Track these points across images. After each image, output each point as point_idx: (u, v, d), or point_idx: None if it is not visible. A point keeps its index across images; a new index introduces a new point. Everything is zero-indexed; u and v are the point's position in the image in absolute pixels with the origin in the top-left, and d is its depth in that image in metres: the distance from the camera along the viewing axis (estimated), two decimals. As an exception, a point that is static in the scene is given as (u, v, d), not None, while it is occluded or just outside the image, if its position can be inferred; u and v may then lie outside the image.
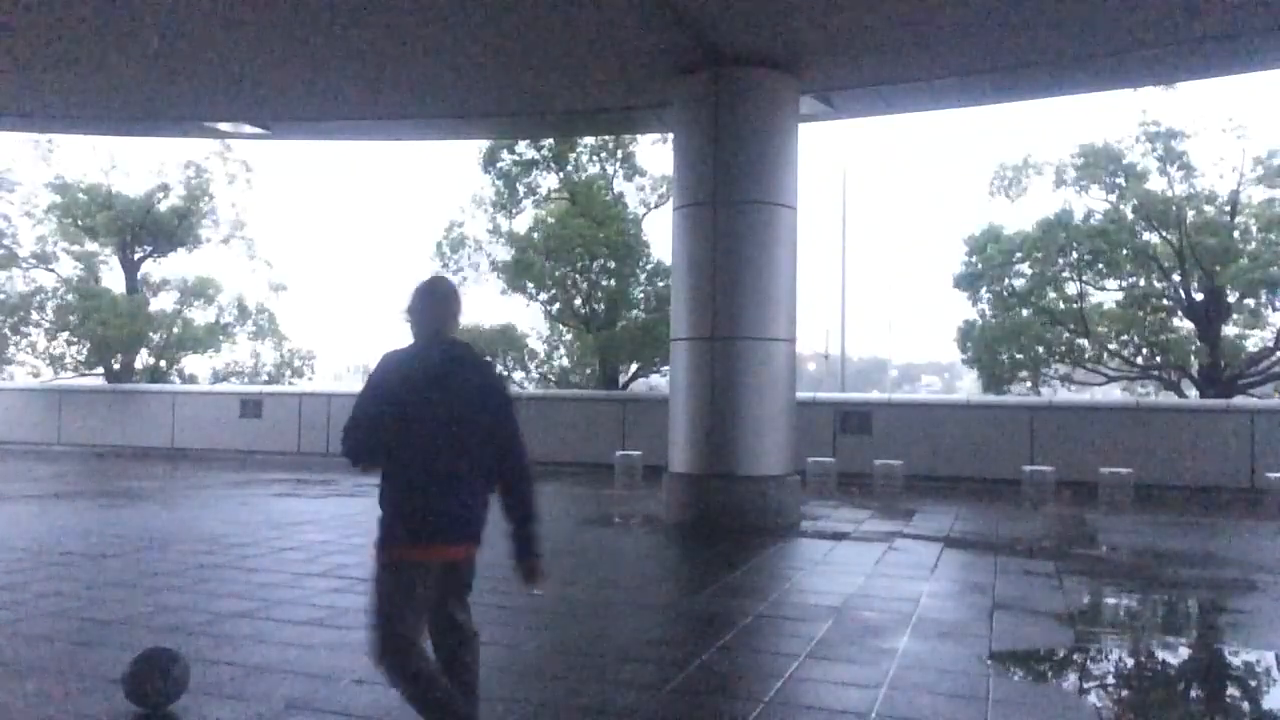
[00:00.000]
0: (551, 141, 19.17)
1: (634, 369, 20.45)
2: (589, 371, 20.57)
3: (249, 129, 13.65)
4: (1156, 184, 17.74)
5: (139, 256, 23.20)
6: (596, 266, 19.28)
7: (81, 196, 22.14)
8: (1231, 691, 5.03)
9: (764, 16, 9.05)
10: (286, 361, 24.96)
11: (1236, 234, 17.30)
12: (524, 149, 19.48)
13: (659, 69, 10.31)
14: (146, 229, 22.65)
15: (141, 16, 9.32)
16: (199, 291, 23.47)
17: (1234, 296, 17.45)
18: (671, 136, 11.54)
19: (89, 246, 22.97)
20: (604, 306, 19.76)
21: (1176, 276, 17.82)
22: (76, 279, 22.67)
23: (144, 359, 23.34)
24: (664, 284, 18.36)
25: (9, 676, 4.41)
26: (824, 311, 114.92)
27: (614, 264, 19.17)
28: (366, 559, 5.26)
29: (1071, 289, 18.41)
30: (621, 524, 10.19)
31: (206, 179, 22.74)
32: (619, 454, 13.98)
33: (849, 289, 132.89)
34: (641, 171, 20.35)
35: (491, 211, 20.36)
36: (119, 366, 22.68)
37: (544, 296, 19.93)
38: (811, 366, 50.01)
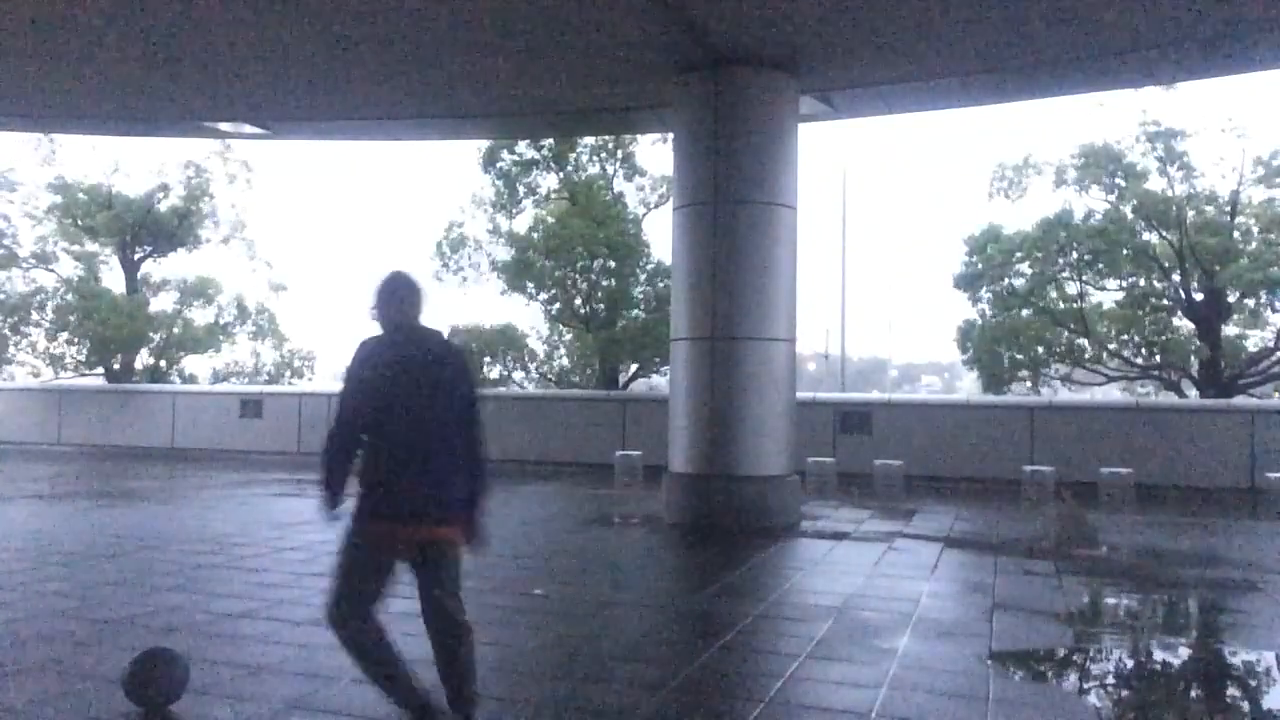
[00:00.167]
0: (551, 141, 19.16)
1: (634, 369, 20.45)
2: (589, 371, 20.57)
3: (249, 129, 13.66)
4: (1156, 184, 17.72)
5: (139, 256, 23.20)
6: (596, 266, 19.27)
7: (82, 197, 22.13)
8: (1231, 691, 5.03)
9: (764, 17, 9.05)
10: (286, 361, 24.96)
11: (1236, 234, 17.29)
12: (524, 149, 19.48)
13: (659, 69, 10.31)
14: (146, 229, 22.65)
15: (141, 16, 9.33)
16: (199, 291, 23.46)
17: (1234, 296, 17.43)
18: (671, 136, 11.54)
19: (89, 246, 22.95)
20: (604, 306, 19.74)
21: (1176, 276, 17.80)
22: (76, 279, 22.65)
23: (144, 359, 23.33)
24: (664, 284, 18.36)
25: (9, 676, 4.41)
26: (824, 311, 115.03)
27: (614, 264, 19.15)
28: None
29: (1071, 289, 18.39)
30: (621, 524, 10.19)
31: (206, 179, 22.74)
32: (619, 454, 13.97)
33: (849, 289, 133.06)
34: (641, 171, 20.35)
35: (491, 211, 20.35)
36: (119, 366, 22.68)
37: (544, 296, 19.93)
38: (811, 366, 50.02)
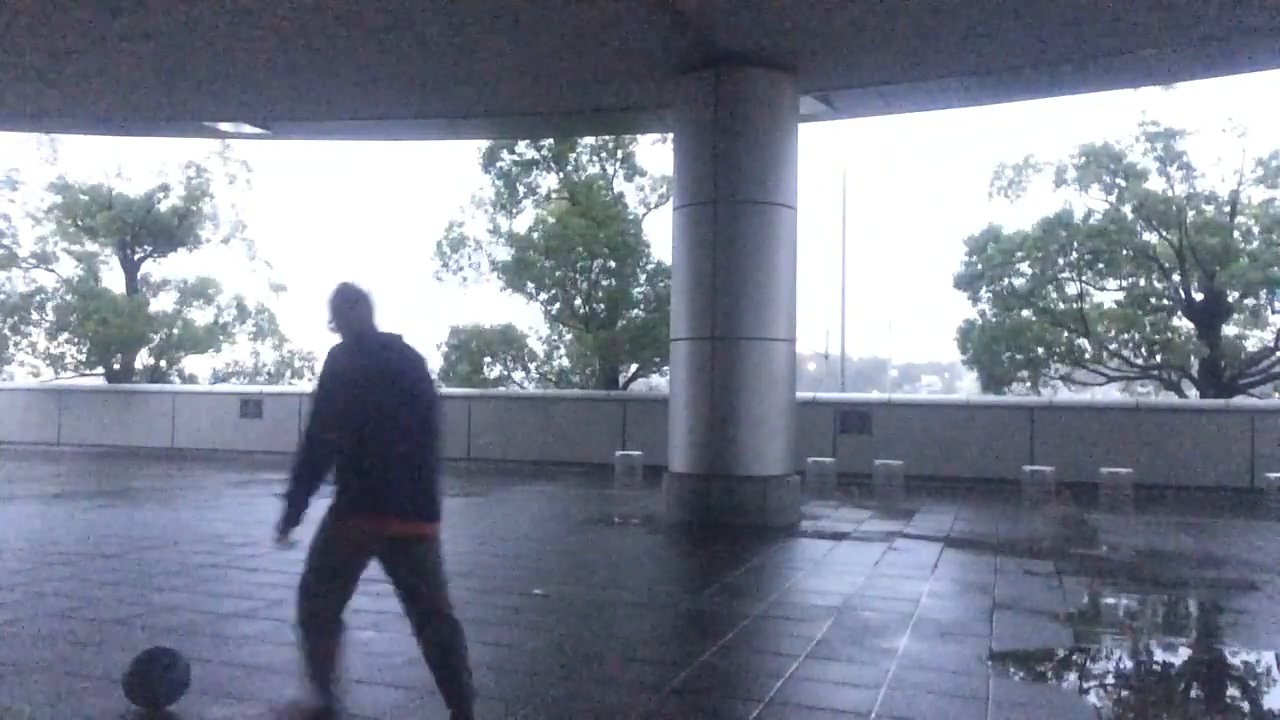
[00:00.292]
0: (551, 141, 19.17)
1: (634, 369, 20.45)
2: (589, 371, 20.57)
3: (249, 129, 13.66)
4: (1156, 184, 17.73)
5: (139, 256, 23.20)
6: (596, 266, 19.27)
7: (83, 197, 22.13)
8: (1231, 691, 5.03)
9: (764, 16, 9.05)
10: (286, 362, 24.96)
11: (1236, 234, 17.29)
12: (524, 149, 19.48)
13: (659, 69, 10.31)
14: (147, 229, 22.64)
15: (142, 17, 9.33)
16: (199, 292, 23.47)
17: (1234, 296, 17.44)
18: (671, 136, 11.55)
19: (89, 246, 22.95)
20: (604, 306, 19.75)
21: (1176, 276, 17.80)
22: (76, 279, 22.65)
23: (144, 359, 23.33)
24: (664, 284, 18.35)
25: (9, 676, 4.41)
26: (824, 311, 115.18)
27: (614, 264, 19.16)
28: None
29: (1071, 289, 18.39)
30: (621, 524, 10.18)
31: (207, 179, 22.75)
32: (619, 454, 13.98)
33: (849, 289, 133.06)
34: (641, 171, 20.36)
35: (491, 211, 20.36)
36: (119, 366, 22.68)
37: (544, 296, 19.93)
38: (811, 366, 50.03)
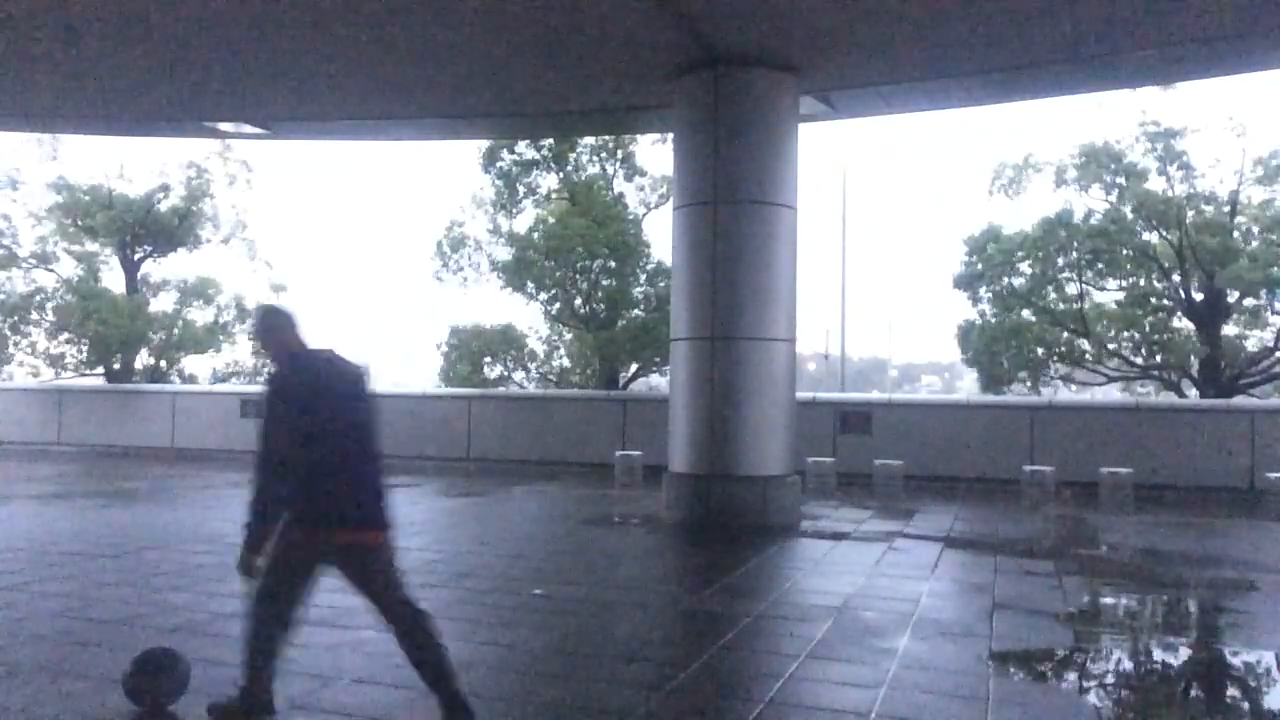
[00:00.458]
0: (551, 141, 19.16)
1: (634, 369, 20.45)
2: (589, 371, 20.57)
3: (249, 129, 13.65)
4: (1156, 184, 17.73)
5: (139, 256, 23.18)
6: (596, 266, 19.27)
7: (83, 197, 22.13)
8: (1231, 691, 5.03)
9: (764, 16, 9.05)
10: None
11: (1236, 234, 17.30)
12: (524, 149, 19.47)
13: (659, 69, 10.31)
14: (147, 229, 22.62)
15: (142, 16, 9.32)
16: (199, 292, 23.43)
17: (1234, 296, 17.45)
18: (671, 136, 11.54)
19: (89, 246, 22.93)
20: (604, 306, 19.74)
21: (1176, 276, 17.80)
22: (76, 279, 22.63)
23: (144, 359, 23.31)
24: (664, 284, 18.35)
25: (9, 676, 4.41)
26: (824, 311, 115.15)
27: (614, 264, 19.15)
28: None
29: (1071, 289, 18.39)
30: (621, 524, 10.18)
31: (207, 179, 22.72)
32: (619, 454, 13.98)
33: (849, 289, 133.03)
34: (641, 171, 20.35)
35: (491, 211, 20.35)
36: (119, 366, 22.66)
37: (544, 296, 19.92)
38: (811, 366, 50.04)
